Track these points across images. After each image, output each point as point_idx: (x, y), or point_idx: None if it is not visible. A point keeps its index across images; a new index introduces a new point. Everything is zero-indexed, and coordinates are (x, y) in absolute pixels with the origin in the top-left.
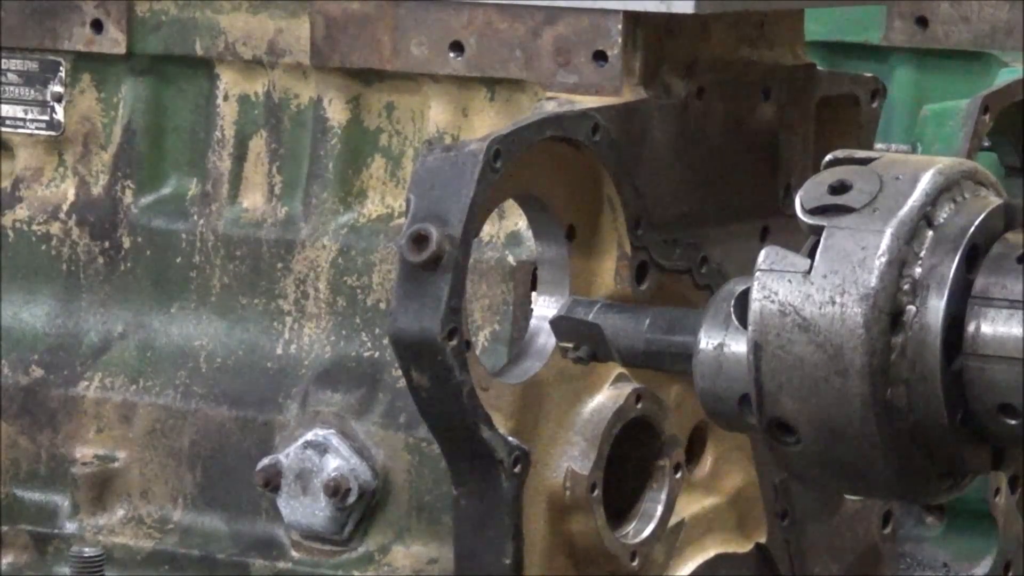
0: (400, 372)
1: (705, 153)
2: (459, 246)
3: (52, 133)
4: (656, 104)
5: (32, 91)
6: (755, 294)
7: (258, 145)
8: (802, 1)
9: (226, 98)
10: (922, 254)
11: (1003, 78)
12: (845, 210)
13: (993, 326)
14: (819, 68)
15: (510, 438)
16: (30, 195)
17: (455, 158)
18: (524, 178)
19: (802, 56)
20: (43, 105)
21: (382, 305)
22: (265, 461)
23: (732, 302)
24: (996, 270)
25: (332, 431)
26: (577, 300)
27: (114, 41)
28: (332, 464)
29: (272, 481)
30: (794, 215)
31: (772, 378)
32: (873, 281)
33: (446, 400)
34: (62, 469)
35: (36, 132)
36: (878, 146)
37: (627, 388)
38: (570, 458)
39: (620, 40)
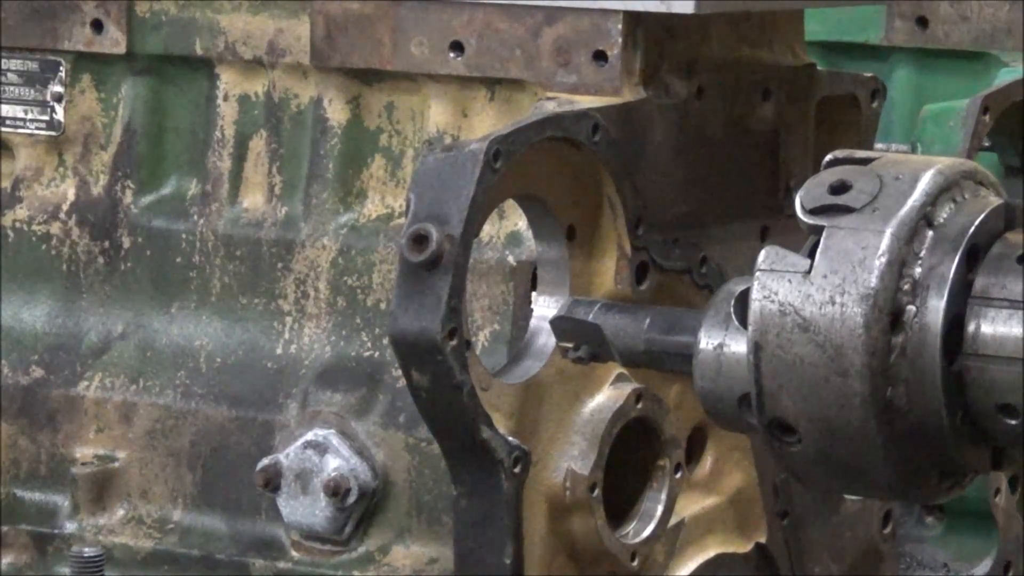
0: (400, 372)
1: (705, 153)
2: (459, 246)
3: (52, 133)
4: (656, 104)
5: (32, 91)
6: (755, 294)
7: (258, 145)
8: (802, 1)
9: (226, 98)
10: (922, 254)
11: (1003, 78)
12: (845, 210)
13: (993, 326)
14: (819, 68)
15: (510, 438)
16: (30, 195)
17: (455, 158)
18: (524, 178)
19: (802, 56)
20: (43, 105)
21: (382, 305)
22: (265, 461)
23: (732, 302)
24: (996, 270)
25: (332, 431)
26: (577, 300)
27: (114, 41)
28: (332, 464)
29: (272, 481)
30: (794, 215)
31: (772, 378)
32: (873, 281)
33: (446, 400)
34: (62, 469)
35: (36, 132)
36: (878, 146)
37: (627, 388)
38: (570, 458)
39: (620, 40)
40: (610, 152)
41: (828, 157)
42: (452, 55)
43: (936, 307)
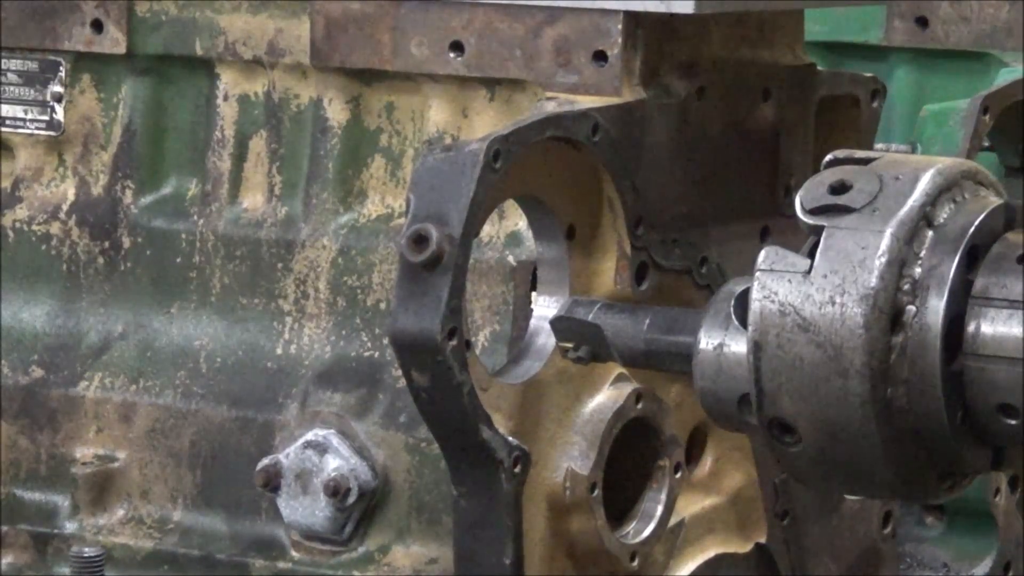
0: (400, 372)
1: (705, 153)
2: (459, 246)
3: (52, 133)
4: (656, 104)
5: (32, 91)
6: (755, 294)
7: (258, 145)
8: (802, 1)
9: (226, 98)
10: (922, 254)
11: (1003, 78)
12: (845, 210)
13: (993, 326)
14: (819, 68)
15: (510, 438)
16: (30, 195)
17: (455, 158)
18: (524, 178)
19: (802, 56)
20: (43, 105)
21: (382, 305)
22: (265, 461)
23: (732, 302)
24: (996, 270)
25: (332, 431)
26: (577, 300)
27: (114, 41)
28: (332, 464)
29: (272, 481)
30: (794, 215)
31: (772, 378)
32: (873, 281)
33: (446, 400)
34: (62, 469)
35: (36, 132)
36: (878, 146)
37: (627, 388)
38: (570, 458)
39: (620, 40)
40: (610, 152)
41: (828, 157)
42: (452, 55)
43: (936, 307)
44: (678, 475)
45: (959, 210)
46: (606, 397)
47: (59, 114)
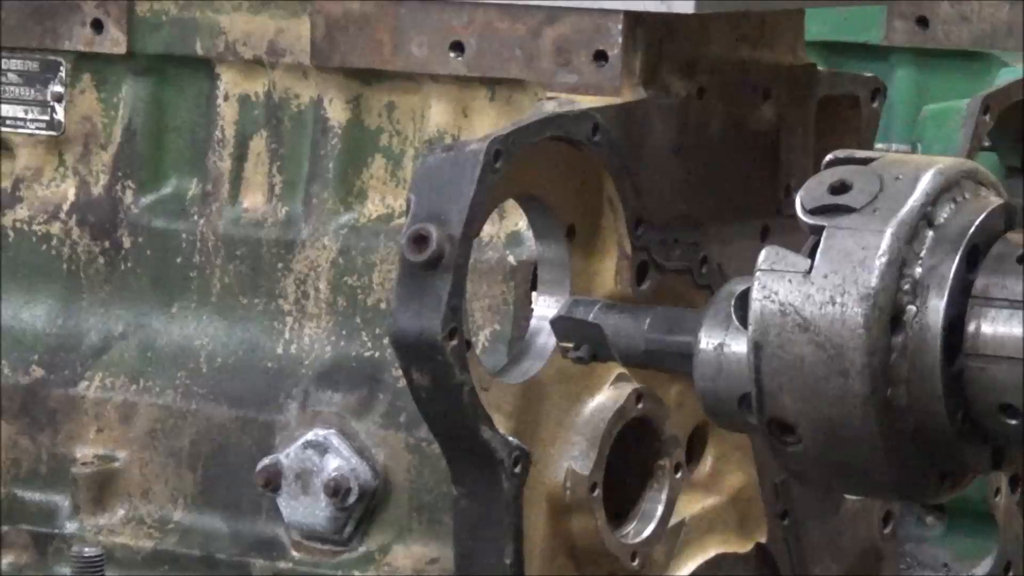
0: (400, 372)
1: (705, 153)
2: (459, 246)
3: (52, 133)
4: (656, 104)
5: (32, 91)
6: (755, 294)
7: (258, 145)
8: (802, 1)
9: (226, 98)
10: (922, 254)
11: (1003, 78)
12: (845, 210)
13: (993, 326)
14: (819, 68)
15: (510, 438)
16: (30, 195)
17: (455, 158)
18: (524, 178)
19: (802, 56)
20: (43, 105)
21: (382, 305)
22: (265, 461)
23: (732, 302)
24: (996, 270)
25: (332, 431)
26: (577, 300)
27: (114, 41)
28: (332, 464)
29: (272, 481)
30: (794, 215)
31: (772, 378)
32: (873, 281)
33: (446, 400)
34: (62, 469)
35: (36, 132)
36: (878, 146)
37: (627, 388)
38: (570, 458)
39: (620, 40)
40: (610, 152)
41: (828, 157)
42: (452, 55)
43: (936, 307)
44: (678, 475)
45: (959, 210)
46: (606, 397)
47: (59, 114)
